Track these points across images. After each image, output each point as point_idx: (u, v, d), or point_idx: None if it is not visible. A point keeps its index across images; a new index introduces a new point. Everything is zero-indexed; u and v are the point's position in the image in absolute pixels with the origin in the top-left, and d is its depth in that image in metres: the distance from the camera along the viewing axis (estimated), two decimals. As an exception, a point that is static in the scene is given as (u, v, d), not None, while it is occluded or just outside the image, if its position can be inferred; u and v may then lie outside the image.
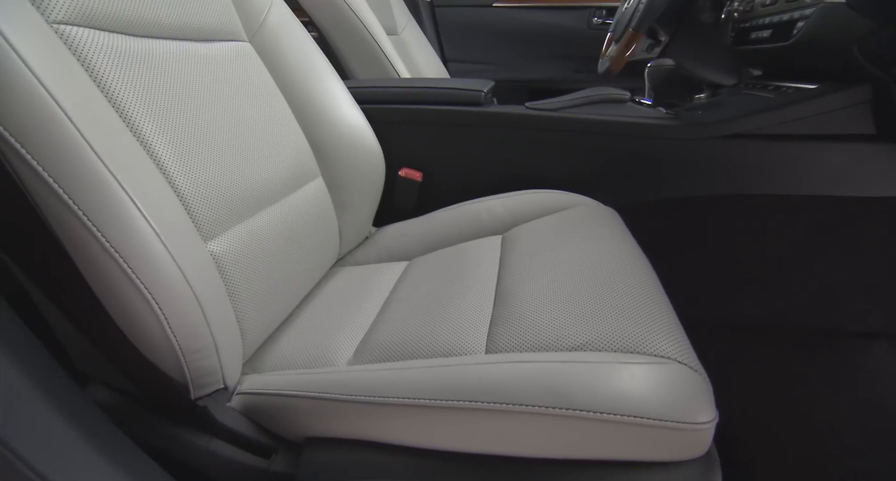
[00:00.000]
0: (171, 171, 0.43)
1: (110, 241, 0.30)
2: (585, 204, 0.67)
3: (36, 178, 0.29)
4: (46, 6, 0.36)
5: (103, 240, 0.30)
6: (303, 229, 0.60)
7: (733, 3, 0.76)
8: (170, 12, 0.50)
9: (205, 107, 0.49)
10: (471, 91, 0.72)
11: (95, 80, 0.39)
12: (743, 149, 0.65)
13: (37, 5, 0.36)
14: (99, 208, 0.30)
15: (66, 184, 0.29)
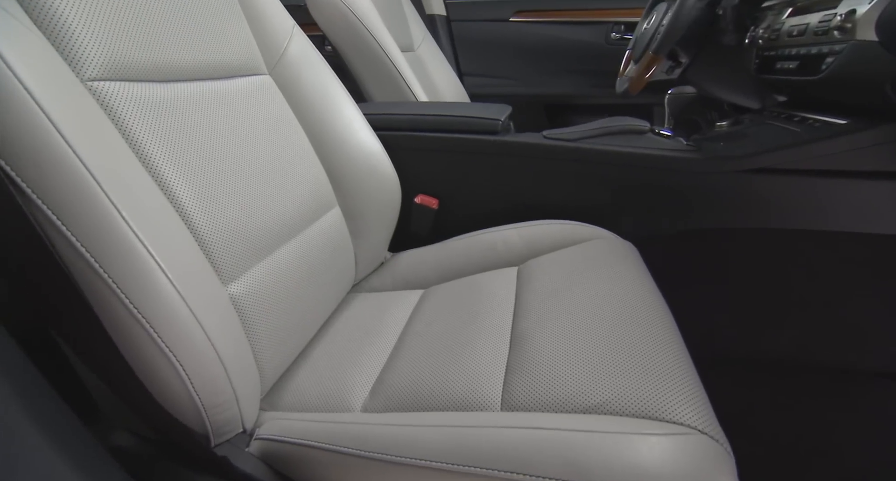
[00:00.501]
0: (194, 218, 0.43)
1: (137, 307, 0.31)
2: (602, 237, 0.66)
3: (68, 246, 0.30)
4: (82, 65, 0.37)
5: (131, 306, 0.31)
6: (320, 261, 0.61)
7: (757, 30, 0.74)
8: (195, 54, 0.51)
9: (226, 147, 0.50)
10: (488, 120, 0.72)
11: (123, 134, 0.40)
12: (766, 184, 0.63)
13: (71, 64, 0.37)
14: (127, 276, 0.31)
15: (98, 253, 0.30)
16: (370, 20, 0.95)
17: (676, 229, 0.70)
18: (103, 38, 0.40)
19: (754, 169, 0.62)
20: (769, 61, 0.70)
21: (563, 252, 0.65)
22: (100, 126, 0.36)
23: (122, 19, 0.43)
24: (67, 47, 0.37)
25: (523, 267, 0.66)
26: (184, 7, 0.51)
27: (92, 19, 0.39)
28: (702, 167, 0.64)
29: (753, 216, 0.66)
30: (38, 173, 0.29)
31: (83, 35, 0.38)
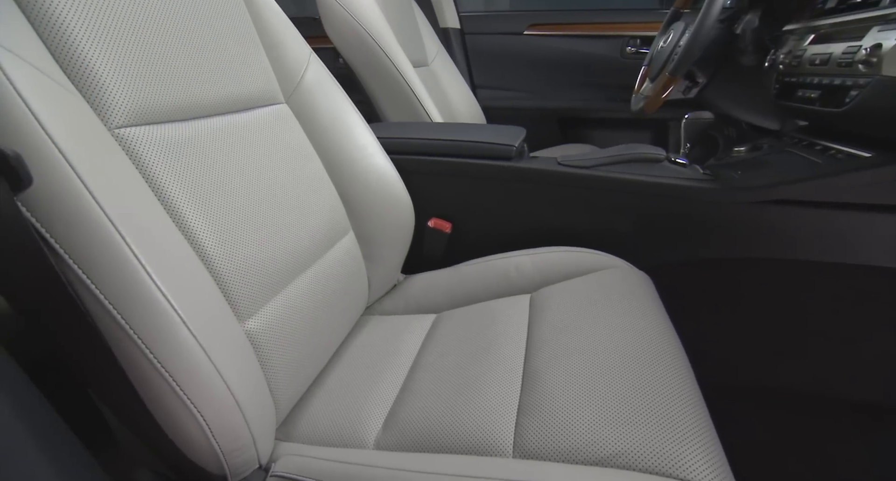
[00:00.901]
0: (214, 259, 0.44)
1: (161, 361, 0.32)
2: (616, 266, 0.66)
3: (95, 302, 0.31)
4: (110, 113, 0.38)
5: (154, 360, 0.32)
6: (335, 289, 0.61)
7: (778, 54, 0.73)
8: (216, 89, 0.52)
9: (244, 181, 0.51)
10: (502, 145, 0.72)
11: (147, 178, 0.40)
12: (785, 215, 0.62)
13: (100, 113, 0.38)
14: (151, 331, 0.31)
15: (123, 309, 0.31)
16: (384, 39, 0.96)
17: (691, 257, 0.69)
18: (131, 84, 0.41)
19: (773, 200, 0.61)
20: (790, 87, 0.69)
21: (575, 281, 0.65)
22: (126, 175, 0.37)
23: (149, 62, 0.43)
24: (97, 97, 0.38)
25: (536, 295, 0.66)
26: (206, 43, 0.52)
27: (121, 66, 0.40)
28: (719, 197, 0.64)
29: (771, 246, 0.64)
30: (69, 231, 0.29)
31: (113, 83, 0.39)
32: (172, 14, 0.48)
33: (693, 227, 0.67)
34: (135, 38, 0.43)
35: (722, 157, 0.76)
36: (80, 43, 0.38)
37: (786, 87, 0.70)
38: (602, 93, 1.37)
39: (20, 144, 0.28)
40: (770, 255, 0.65)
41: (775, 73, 0.73)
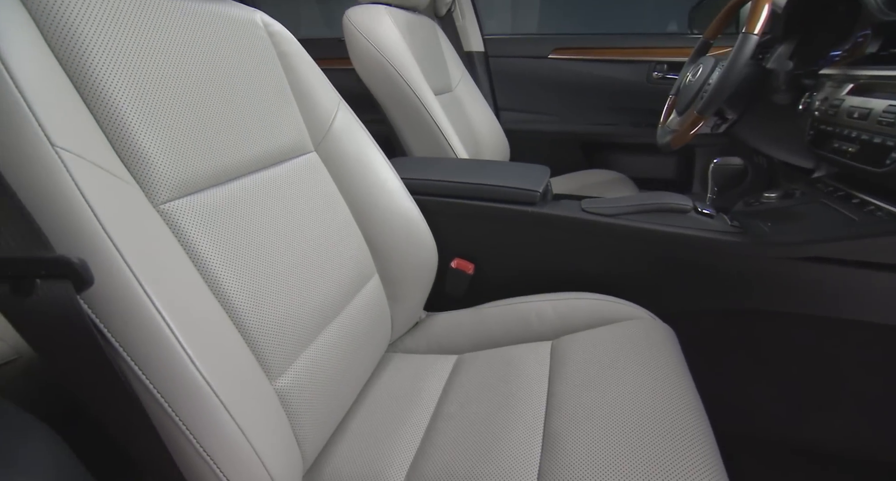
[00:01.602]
0: (247, 321, 0.46)
1: (203, 445, 0.34)
2: (638, 317, 0.65)
3: (144, 390, 0.33)
4: (155, 190, 0.40)
5: (196, 443, 0.33)
6: (361, 334, 0.63)
7: (814, 98, 0.71)
8: (251, 148, 0.53)
9: (276, 238, 0.53)
10: (526, 191, 0.72)
11: (187, 249, 0.42)
12: (819, 272, 0.61)
13: (147, 191, 0.40)
14: (195, 417, 0.33)
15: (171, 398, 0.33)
16: (409, 73, 0.97)
17: (716, 307, 0.68)
18: (176, 158, 0.43)
19: (806, 257, 0.60)
20: (825, 136, 0.67)
21: (597, 332, 0.64)
22: (172, 254, 0.39)
23: (192, 133, 0.45)
24: (147, 176, 0.40)
25: (557, 343, 0.66)
26: (243, 102, 0.54)
27: (168, 142, 0.42)
28: (749, 252, 0.62)
29: (802, 301, 0.63)
30: (125, 327, 0.31)
31: (160, 160, 0.41)
32: (214, 79, 0.50)
33: (720, 279, 0.66)
34: (180, 111, 0.45)
35: (751, 203, 0.75)
36: (134, 128, 0.40)
37: (821, 134, 0.68)
38: (627, 117, 1.36)
39: (85, 249, 0.31)
40: (800, 310, 0.64)
41: (810, 119, 0.71)
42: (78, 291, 0.30)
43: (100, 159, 0.35)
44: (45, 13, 0.36)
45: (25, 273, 0.28)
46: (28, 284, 0.28)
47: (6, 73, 0.31)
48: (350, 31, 0.99)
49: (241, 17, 0.58)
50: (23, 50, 0.33)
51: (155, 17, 0.46)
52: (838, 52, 0.75)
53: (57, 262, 0.28)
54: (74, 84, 0.37)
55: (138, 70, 0.42)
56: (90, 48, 0.38)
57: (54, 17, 0.37)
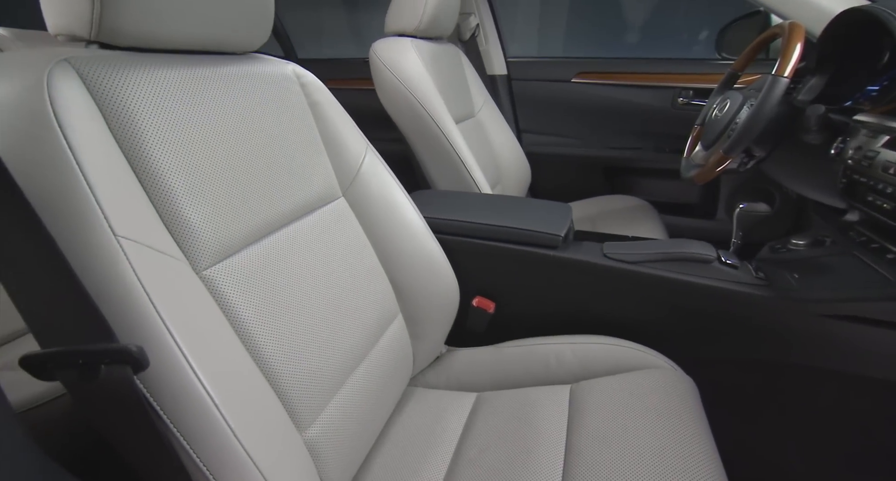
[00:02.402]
0: (279, 374, 0.48)
1: None
2: (658, 367, 0.66)
3: (189, 460, 0.35)
4: (199, 258, 0.43)
5: None
6: (385, 375, 0.65)
7: (847, 145, 0.69)
8: (284, 203, 0.56)
9: (306, 289, 0.55)
10: (548, 234, 0.73)
11: (226, 313, 0.45)
12: (848, 330, 0.60)
13: (191, 260, 0.43)
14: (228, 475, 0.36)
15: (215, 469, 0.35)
16: (434, 108, 0.99)
17: (737, 356, 0.68)
18: (216, 225, 0.46)
19: (836, 315, 0.59)
20: (858, 187, 0.65)
21: (616, 381, 0.65)
22: (212, 320, 0.42)
23: (230, 199, 0.48)
24: (192, 246, 0.43)
25: (576, 388, 0.67)
26: (277, 159, 0.56)
27: (210, 211, 0.45)
28: (774, 306, 0.62)
29: (830, 357, 0.62)
30: (175, 404, 0.34)
31: (203, 229, 0.44)
32: (252, 139, 0.53)
33: (743, 329, 0.66)
34: (221, 177, 0.48)
35: (777, 248, 0.74)
36: (182, 200, 0.43)
37: (854, 183, 0.67)
38: (650, 142, 1.35)
39: (142, 334, 0.33)
40: (828, 366, 0.63)
41: (843, 166, 0.69)
42: (135, 373, 0.33)
43: (154, 240, 0.38)
44: (109, 101, 0.40)
45: (92, 361, 0.31)
46: (93, 370, 0.31)
47: (77, 168, 0.34)
48: (376, 64, 1.01)
49: (275, 73, 0.61)
50: (90, 141, 0.36)
51: (198, 87, 0.49)
52: (875, 87, 0.74)
53: (120, 352, 0.31)
54: (131, 166, 0.40)
55: (185, 143, 0.45)
56: (145, 130, 0.41)
57: (116, 104, 0.40)
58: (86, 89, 0.38)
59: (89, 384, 0.32)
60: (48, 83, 0.35)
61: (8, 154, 0.34)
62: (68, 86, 0.37)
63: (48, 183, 0.34)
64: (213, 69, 0.52)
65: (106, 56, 0.41)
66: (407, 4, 1.02)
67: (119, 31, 0.41)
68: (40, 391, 0.64)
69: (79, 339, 0.32)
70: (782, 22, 0.82)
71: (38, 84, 0.35)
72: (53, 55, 0.38)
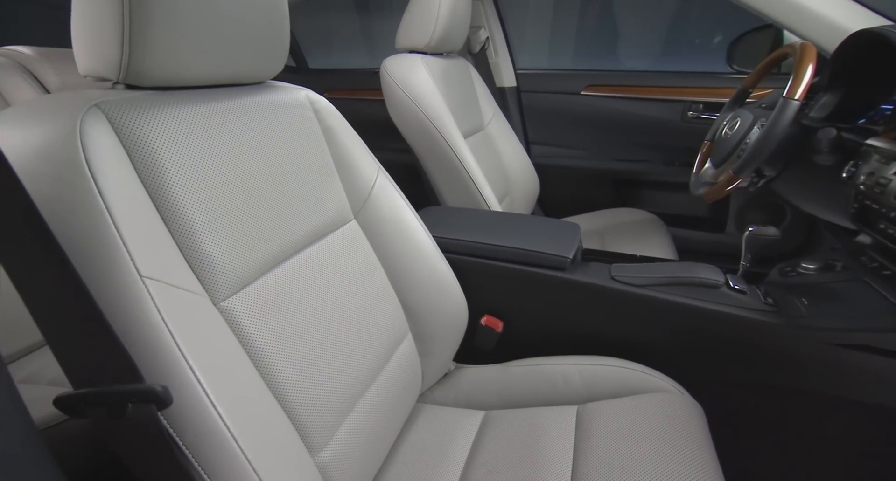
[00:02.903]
0: (293, 401, 0.49)
1: None
2: (666, 391, 0.66)
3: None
4: (218, 290, 0.45)
5: None
6: (395, 394, 0.66)
7: (859, 169, 0.68)
8: (297, 229, 0.57)
9: (319, 314, 0.56)
10: (557, 257, 0.74)
11: (241, 341, 0.46)
12: (858, 358, 0.60)
13: (210, 292, 0.44)
14: None
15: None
16: (444, 125, 1.00)
17: (747, 381, 0.68)
18: (233, 256, 0.47)
19: (845, 344, 0.59)
20: (871, 213, 0.65)
21: (623, 404, 0.65)
22: (230, 351, 0.43)
23: (247, 230, 0.50)
24: (211, 279, 0.45)
25: (583, 410, 0.68)
26: (291, 187, 0.58)
27: (227, 243, 0.47)
28: (783, 332, 0.62)
29: (840, 385, 0.62)
30: (197, 440, 0.36)
31: (222, 261, 0.46)
32: (267, 168, 0.55)
33: (751, 354, 0.66)
34: (238, 209, 0.49)
35: (787, 271, 0.74)
36: (201, 235, 0.44)
37: (866, 210, 0.66)
38: (659, 155, 1.35)
39: (166, 373, 0.35)
40: (837, 393, 0.63)
41: (854, 191, 0.69)
42: (159, 410, 0.34)
43: (176, 278, 0.40)
44: (135, 143, 0.41)
45: (120, 401, 0.33)
46: (121, 409, 0.33)
47: (106, 212, 0.36)
48: (386, 81, 1.03)
49: (290, 100, 0.62)
50: (118, 184, 0.38)
51: (217, 122, 0.50)
52: (889, 106, 0.73)
53: (146, 392, 0.33)
54: (155, 204, 0.42)
55: (204, 178, 0.46)
56: (167, 168, 0.43)
57: (141, 145, 0.42)
58: (114, 134, 0.40)
59: (117, 421, 0.33)
60: (81, 130, 0.37)
61: (40, 198, 0.35)
62: (99, 132, 0.38)
63: (78, 226, 0.36)
64: (230, 102, 0.53)
65: (131, 98, 0.43)
66: (418, 22, 1.04)
67: (144, 73, 0.43)
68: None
69: (107, 378, 0.33)
70: (794, 42, 0.82)
71: (71, 132, 0.37)
72: (83, 100, 0.40)
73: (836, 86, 0.84)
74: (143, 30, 0.41)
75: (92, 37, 0.42)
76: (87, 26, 0.42)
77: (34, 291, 0.34)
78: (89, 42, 0.42)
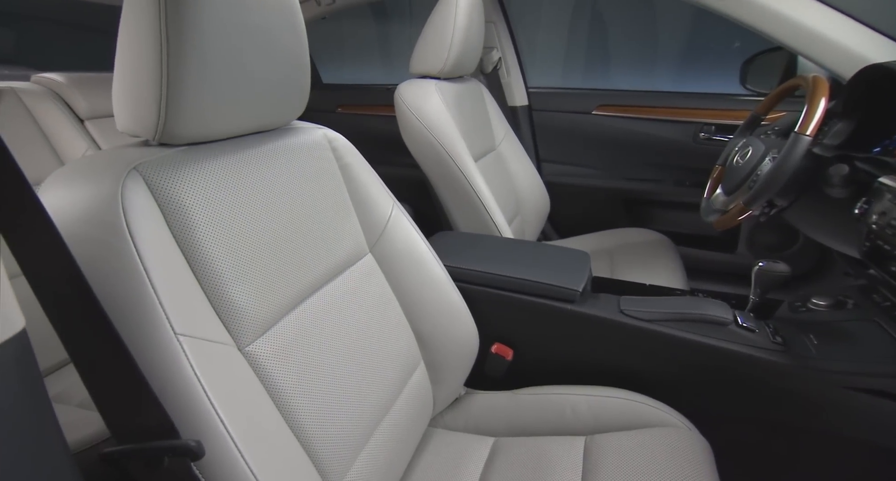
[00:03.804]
0: (311, 437, 0.51)
1: None
2: (674, 426, 0.67)
3: None
4: (243, 335, 0.47)
5: None
6: (408, 422, 0.68)
7: (871, 207, 0.68)
8: (316, 268, 0.59)
9: (337, 351, 0.58)
10: (566, 289, 0.76)
11: (265, 384, 0.49)
12: (869, 403, 0.60)
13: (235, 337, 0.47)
14: None
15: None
16: (457, 152, 1.02)
17: (755, 417, 0.69)
18: (257, 301, 0.50)
19: (855, 387, 0.59)
20: (882, 254, 0.65)
21: (631, 437, 0.67)
22: (255, 396, 0.46)
23: (269, 274, 0.52)
24: (235, 325, 0.47)
25: (590, 442, 0.69)
26: (311, 227, 0.60)
27: (251, 288, 0.49)
28: (792, 372, 0.63)
29: (852, 428, 0.62)
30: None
31: (247, 307, 0.48)
32: (289, 212, 0.57)
33: (760, 392, 0.67)
34: (262, 255, 0.52)
35: (797, 307, 0.74)
36: (229, 284, 0.47)
37: (877, 250, 0.66)
38: (670, 175, 1.35)
39: (199, 427, 0.38)
40: (847, 434, 0.63)
41: (866, 229, 0.68)
42: (192, 462, 0.37)
43: (207, 331, 0.42)
44: (169, 202, 0.44)
45: (158, 455, 0.35)
46: (158, 462, 0.36)
47: (144, 273, 0.39)
48: (400, 107, 1.05)
49: (310, 142, 0.64)
50: (155, 245, 0.41)
51: (242, 171, 0.53)
52: None
53: (181, 447, 0.35)
54: (186, 258, 0.45)
55: (231, 228, 0.49)
56: (198, 223, 0.46)
57: (174, 203, 0.44)
58: (151, 196, 0.43)
59: (154, 472, 0.36)
60: (122, 196, 0.40)
61: (84, 260, 0.38)
62: (138, 195, 0.41)
63: (119, 287, 0.38)
64: (255, 149, 0.56)
65: (165, 157, 0.46)
66: (432, 49, 1.06)
67: (178, 134, 0.46)
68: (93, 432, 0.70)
69: (146, 433, 0.36)
70: (806, 75, 0.83)
71: (113, 197, 0.40)
72: (124, 164, 0.42)
73: (850, 113, 0.84)
74: (178, 94, 0.44)
75: (132, 100, 0.44)
76: (128, 90, 0.44)
77: (78, 349, 0.37)
78: (129, 104, 0.45)
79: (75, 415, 0.73)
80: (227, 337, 0.46)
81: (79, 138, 1.11)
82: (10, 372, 0.25)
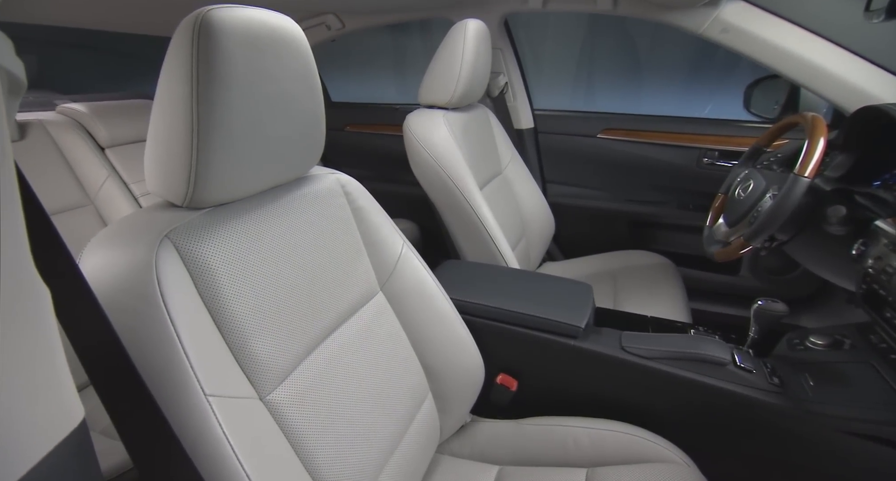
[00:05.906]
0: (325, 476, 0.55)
1: None
2: (673, 462, 0.70)
3: None
4: (264, 385, 0.50)
5: None
6: (417, 453, 0.71)
7: (868, 252, 0.69)
8: (330, 313, 0.62)
9: (350, 392, 0.62)
10: (570, 325, 0.78)
11: (284, 430, 0.52)
12: (864, 447, 0.61)
13: (257, 387, 0.50)
14: None
15: None
16: (464, 183, 1.05)
17: (754, 454, 0.71)
18: (277, 351, 0.53)
19: (850, 432, 0.61)
20: (878, 300, 0.65)
21: (631, 473, 0.69)
22: (277, 444, 0.49)
23: (287, 323, 0.56)
24: (257, 376, 0.50)
25: (592, 474, 0.72)
26: (326, 273, 0.63)
27: (272, 339, 0.53)
28: (788, 414, 0.65)
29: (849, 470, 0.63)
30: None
31: (267, 358, 0.52)
32: (305, 261, 0.60)
33: (757, 431, 0.69)
34: (281, 306, 0.55)
35: (795, 344, 0.76)
36: (252, 337, 0.50)
37: (873, 294, 0.67)
38: (674, 198, 1.37)
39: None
40: (842, 475, 0.64)
41: (863, 273, 0.70)
42: None
43: (233, 388, 0.46)
44: (197, 266, 0.47)
45: None
46: None
47: (177, 339, 0.42)
48: (409, 137, 1.08)
49: (325, 189, 0.68)
50: (186, 311, 0.44)
51: (262, 226, 0.56)
52: None
53: None
54: (213, 318, 0.48)
55: (253, 283, 0.52)
56: (222, 282, 0.49)
57: (202, 267, 0.48)
58: (182, 263, 0.46)
59: None
60: (156, 266, 0.43)
61: (120, 327, 0.41)
62: (170, 263, 0.44)
63: (152, 353, 0.42)
64: (272, 203, 0.59)
65: (193, 220, 0.49)
66: (440, 82, 1.09)
67: (205, 199, 0.49)
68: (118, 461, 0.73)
69: None
70: (805, 113, 0.84)
71: (147, 267, 0.43)
72: (156, 232, 0.46)
73: (852, 146, 0.86)
74: (206, 164, 0.47)
75: (163, 169, 0.48)
76: (161, 159, 0.48)
77: (117, 409, 0.41)
78: (161, 172, 0.48)
79: (101, 444, 0.77)
80: (250, 389, 0.49)
81: (100, 166, 1.15)
82: (69, 471, 0.25)
